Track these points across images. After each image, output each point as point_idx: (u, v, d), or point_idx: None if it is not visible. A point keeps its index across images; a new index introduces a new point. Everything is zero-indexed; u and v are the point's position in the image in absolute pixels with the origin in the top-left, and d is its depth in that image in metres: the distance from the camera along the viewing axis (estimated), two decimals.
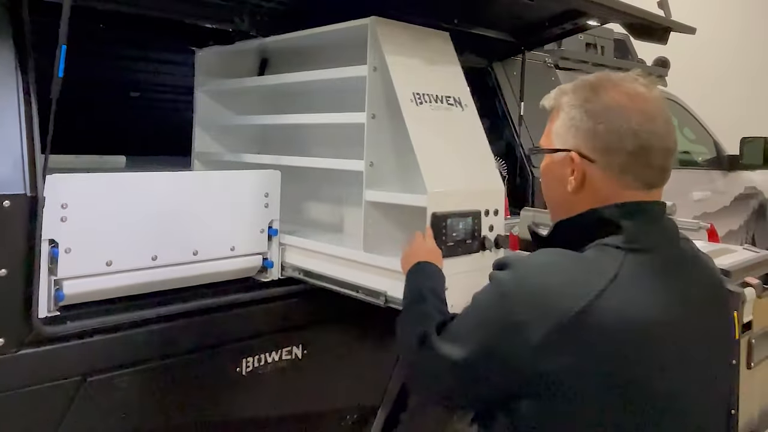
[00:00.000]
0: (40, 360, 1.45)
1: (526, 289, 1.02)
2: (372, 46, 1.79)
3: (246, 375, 1.80)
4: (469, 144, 1.86)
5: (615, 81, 1.10)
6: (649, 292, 1.01)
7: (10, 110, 1.47)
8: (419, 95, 1.77)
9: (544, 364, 0.96)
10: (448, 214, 1.62)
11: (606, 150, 1.07)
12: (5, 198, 1.39)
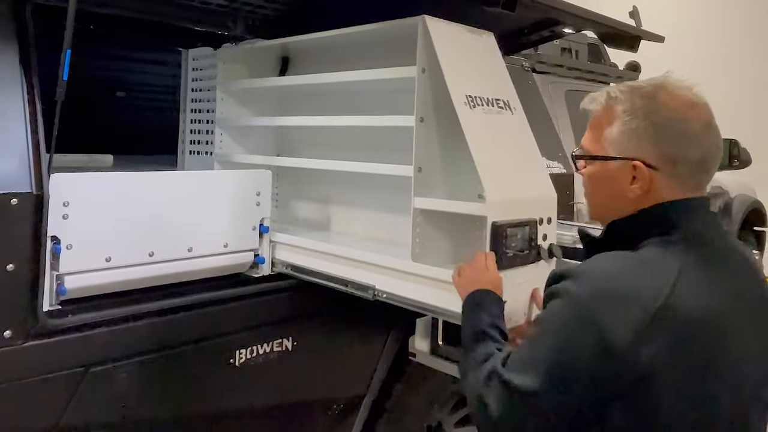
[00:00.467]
0: (44, 351, 1.52)
1: (602, 295, 1.02)
2: (422, 46, 1.72)
3: (239, 366, 1.88)
4: (521, 149, 1.80)
5: (669, 89, 1.13)
6: (714, 282, 1.06)
7: (15, 112, 1.53)
8: (472, 98, 1.69)
9: (634, 365, 0.98)
10: (507, 223, 1.55)
11: (673, 161, 1.10)
12: (13, 196, 1.45)
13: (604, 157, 1.16)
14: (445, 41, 1.71)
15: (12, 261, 1.45)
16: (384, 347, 2.26)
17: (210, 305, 1.84)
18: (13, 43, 1.59)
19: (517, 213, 1.59)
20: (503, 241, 1.52)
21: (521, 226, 1.59)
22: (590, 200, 1.26)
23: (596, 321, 1.00)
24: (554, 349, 1.03)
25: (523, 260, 1.58)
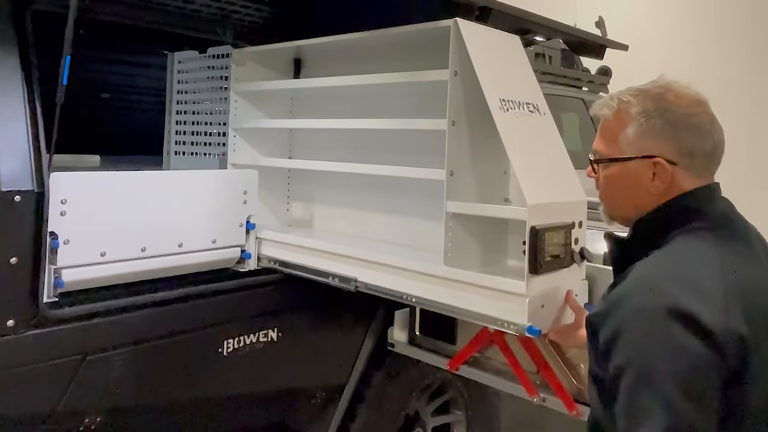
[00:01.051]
0: (45, 340, 1.61)
1: (668, 294, 1.03)
2: (455, 48, 1.70)
3: (227, 355, 1.98)
4: (553, 152, 1.79)
5: (675, 90, 1.19)
6: (747, 256, 1.13)
7: (17, 114, 1.62)
8: (505, 101, 1.67)
9: (736, 342, 1.00)
10: (545, 227, 1.53)
11: (690, 154, 1.16)
12: (16, 193, 1.54)
13: (625, 158, 1.20)
14: (476, 44, 1.70)
15: (15, 255, 1.55)
16: (364, 338, 2.38)
17: (199, 298, 1.94)
18: (13, 48, 1.68)
19: (554, 217, 1.58)
20: (542, 245, 1.51)
21: (558, 229, 1.58)
22: (610, 202, 1.28)
23: (680, 316, 1.00)
24: (665, 379, 0.99)
25: (559, 264, 1.57)
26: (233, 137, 2.45)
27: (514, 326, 1.53)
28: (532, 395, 1.95)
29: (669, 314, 1.01)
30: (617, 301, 1.09)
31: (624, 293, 1.09)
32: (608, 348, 1.08)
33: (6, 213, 1.53)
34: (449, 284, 1.69)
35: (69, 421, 1.69)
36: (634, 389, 1.02)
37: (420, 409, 2.72)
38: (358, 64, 2.22)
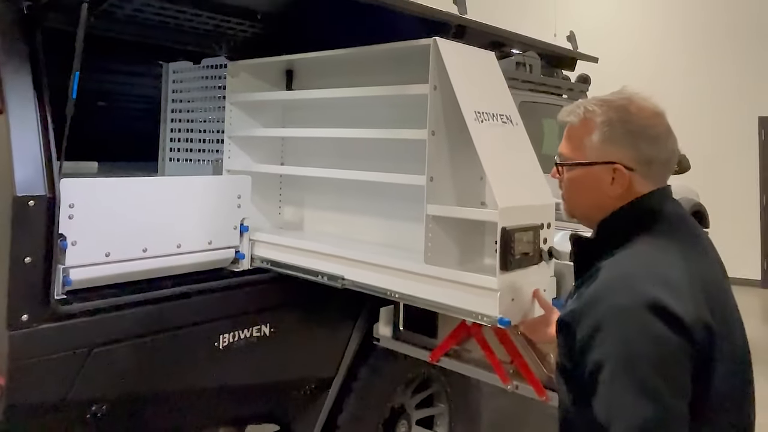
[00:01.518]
0: (55, 333, 1.74)
1: (644, 291, 1.11)
2: (434, 65, 1.85)
3: (223, 348, 2.12)
4: (523, 159, 1.92)
5: (636, 102, 1.28)
6: (702, 252, 1.26)
7: (30, 124, 1.75)
8: (480, 113, 1.81)
9: (703, 329, 1.11)
10: (515, 228, 1.67)
11: (648, 162, 1.25)
12: (30, 198, 1.68)
13: (588, 162, 1.29)
14: (454, 61, 1.85)
15: (29, 254, 1.68)
16: (351, 334, 2.52)
17: (197, 295, 2.08)
18: (26, 64, 1.82)
19: (523, 219, 1.72)
20: (511, 244, 1.65)
21: (527, 230, 1.71)
22: (572, 201, 1.37)
23: (657, 311, 1.08)
24: (647, 369, 1.07)
25: (528, 262, 1.71)
26: (228, 145, 2.59)
27: (487, 318, 1.69)
28: (506, 383, 2.10)
29: (646, 309, 1.09)
30: (594, 300, 1.16)
31: (600, 292, 1.16)
32: (586, 344, 1.14)
33: (21, 216, 1.67)
34: (429, 281, 1.84)
35: (78, 408, 1.82)
36: (617, 380, 1.08)
37: (405, 402, 2.85)
38: (346, 76, 2.38)
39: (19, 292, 1.68)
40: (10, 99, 1.75)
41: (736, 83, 8.39)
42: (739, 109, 8.34)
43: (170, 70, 3.34)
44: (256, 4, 1.81)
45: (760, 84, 8.23)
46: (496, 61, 2.07)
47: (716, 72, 8.51)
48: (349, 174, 2.25)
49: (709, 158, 8.30)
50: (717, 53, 8.53)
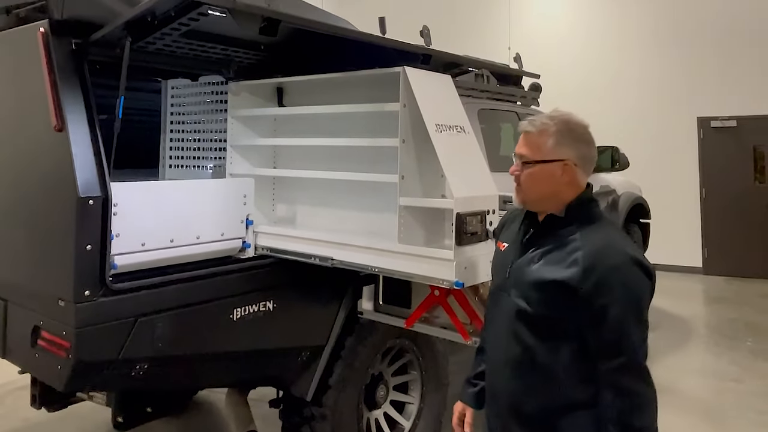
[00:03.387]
0: (109, 306, 2.18)
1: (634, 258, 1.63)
2: (403, 88, 2.32)
3: (236, 321, 2.57)
4: (473, 161, 2.42)
5: (572, 117, 1.74)
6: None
7: (85, 139, 2.19)
8: (439, 125, 2.29)
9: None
10: (467, 213, 2.17)
11: (584, 159, 1.71)
12: (90, 198, 2.13)
13: (546, 160, 1.70)
14: (419, 84, 2.33)
15: (90, 243, 2.13)
16: (339, 308, 3.00)
17: (215, 276, 2.53)
18: (78, 90, 2.25)
19: (473, 206, 2.21)
20: (464, 225, 2.16)
21: (476, 215, 2.21)
22: (530, 191, 1.74)
23: (638, 264, 1.62)
24: (642, 307, 1.63)
25: (477, 239, 2.23)
26: (231, 152, 3.05)
27: (446, 282, 2.19)
28: (467, 339, 2.62)
29: (633, 264, 1.60)
30: (593, 264, 1.60)
31: (596, 257, 1.61)
32: (593, 295, 1.58)
33: (84, 212, 2.11)
34: (402, 257, 2.34)
35: (125, 367, 2.26)
36: (627, 315, 1.57)
37: (383, 370, 3.33)
38: (330, 94, 2.87)
39: (83, 273, 2.12)
40: (68, 119, 2.19)
41: (677, 87, 9.12)
42: (679, 111, 9.08)
43: (169, 87, 3.77)
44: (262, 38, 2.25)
45: (699, 87, 8.98)
46: (452, 83, 2.59)
47: (659, 77, 9.25)
48: (333, 175, 2.75)
49: (655, 156, 9.04)
50: (661, 60, 9.25)
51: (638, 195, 6.38)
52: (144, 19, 2.13)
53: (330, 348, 2.99)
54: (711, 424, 4.17)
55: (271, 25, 2.06)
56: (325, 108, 2.73)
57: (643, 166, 8.38)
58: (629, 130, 9.13)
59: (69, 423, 4.03)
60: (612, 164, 5.47)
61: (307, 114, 2.88)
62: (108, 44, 2.30)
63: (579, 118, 1.75)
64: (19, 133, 2.43)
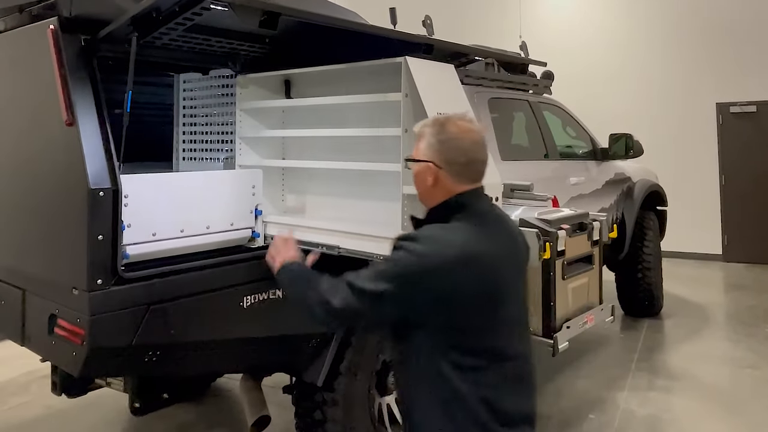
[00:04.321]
0: (122, 294, 2.26)
1: (432, 243, 1.62)
2: (405, 78, 2.35)
3: (246, 308, 2.63)
4: None
5: (454, 120, 1.74)
6: (492, 237, 1.71)
7: (95, 133, 2.26)
8: (441, 114, 2.17)
9: (446, 285, 1.58)
10: None
11: (451, 164, 1.71)
12: (101, 190, 2.19)
13: (418, 160, 1.77)
14: (420, 74, 2.35)
15: (101, 233, 2.20)
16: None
17: (225, 265, 2.60)
18: (87, 86, 2.32)
19: None
20: None
21: None
22: (416, 189, 1.83)
23: (425, 257, 1.60)
24: (400, 272, 1.60)
25: None
26: (240, 144, 3.10)
27: None
28: None
29: (419, 256, 1.60)
30: (409, 235, 1.68)
31: (413, 235, 1.68)
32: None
33: (95, 203, 2.18)
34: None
35: (138, 353, 2.34)
36: (379, 268, 1.65)
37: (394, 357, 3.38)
38: (334, 85, 2.91)
39: (95, 263, 2.19)
40: (78, 114, 2.26)
41: (696, 73, 9.01)
42: (699, 97, 8.96)
43: (181, 81, 3.84)
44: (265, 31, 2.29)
45: (718, 73, 8.85)
46: (455, 72, 2.60)
47: (678, 63, 9.13)
48: (338, 165, 2.79)
49: (673, 143, 8.95)
50: (679, 46, 9.14)
51: (654, 182, 6.31)
52: (149, 14, 2.18)
53: (339, 335, 3.03)
54: (728, 410, 4.16)
55: (270, 19, 2.09)
56: (330, 99, 2.76)
57: (661, 153, 8.31)
58: (647, 116, 9.05)
59: (90, 409, 4.15)
60: (626, 152, 5.43)
61: (313, 105, 2.91)
62: (116, 40, 2.36)
63: (461, 124, 1.75)
64: (32, 128, 2.51)
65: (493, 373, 1.64)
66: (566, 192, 4.84)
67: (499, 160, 4.13)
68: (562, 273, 2.51)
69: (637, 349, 5.39)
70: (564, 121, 5.49)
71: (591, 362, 5.09)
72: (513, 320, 1.74)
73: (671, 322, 6.15)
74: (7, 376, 4.88)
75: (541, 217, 2.56)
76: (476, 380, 1.62)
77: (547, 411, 4.16)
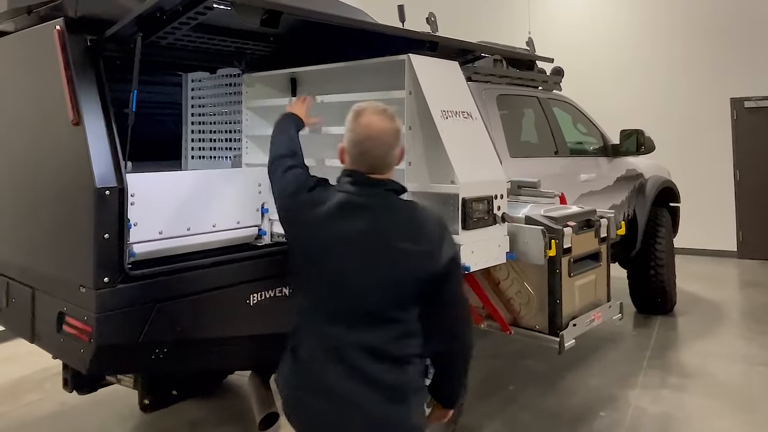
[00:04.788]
0: (128, 292, 2.27)
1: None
2: (408, 75, 2.37)
3: (253, 305, 2.64)
4: (480, 146, 2.44)
5: (368, 113, 1.86)
6: (336, 211, 1.84)
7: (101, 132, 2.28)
8: (445, 111, 2.32)
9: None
10: (473, 198, 2.22)
11: (347, 149, 1.88)
12: (107, 189, 2.21)
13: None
14: (424, 71, 2.39)
15: (108, 232, 2.21)
16: None
17: (232, 263, 2.61)
18: (93, 85, 2.34)
19: (479, 191, 2.26)
20: (470, 211, 2.21)
21: (482, 200, 2.27)
22: None
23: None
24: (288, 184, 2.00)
25: (484, 223, 2.28)
26: (246, 143, 3.12)
27: None
28: (479, 323, 2.65)
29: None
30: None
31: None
32: None
33: (100, 203, 2.20)
34: None
35: (146, 351, 2.35)
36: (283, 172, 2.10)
37: None
38: (339, 83, 2.91)
39: (102, 261, 2.21)
40: (84, 113, 2.28)
41: (709, 68, 8.90)
42: (712, 92, 8.86)
43: (189, 80, 3.87)
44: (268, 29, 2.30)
45: (732, 68, 8.74)
46: (459, 69, 2.58)
47: (691, 58, 9.03)
48: None
49: (687, 138, 8.86)
50: (692, 40, 9.04)
51: (666, 178, 6.25)
52: (154, 14, 2.20)
53: None
54: (741, 408, 4.12)
55: (272, 17, 2.10)
56: (335, 97, 2.77)
57: (674, 148, 8.23)
58: (660, 112, 8.96)
59: (102, 406, 4.20)
60: (637, 148, 5.38)
61: (319, 103, 2.91)
62: (121, 40, 2.38)
63: (366, 120, 1.86)
64: (40, 128, 2.54)
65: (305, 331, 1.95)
66: (576, 189, 4.81)
67: (507, 157, 4.11)
68: (569, 270, 2.50)
69: (649, 346, 5.35)
70: (574, 118, 5.45)
71: (602, 360, 5.06)
72: (337, 301, 1.83)
73: (684, 319, 6.10)
74: (21, 374, 4.94)
75: (547, 214, 2.54)
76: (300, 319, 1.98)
77: (558, 408, 4.14)
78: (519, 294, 2.52)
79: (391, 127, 1.85)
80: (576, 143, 5.40)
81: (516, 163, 4.16)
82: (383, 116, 1.86)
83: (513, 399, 4.33)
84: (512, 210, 2.52)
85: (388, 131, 1.85)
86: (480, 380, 4.60)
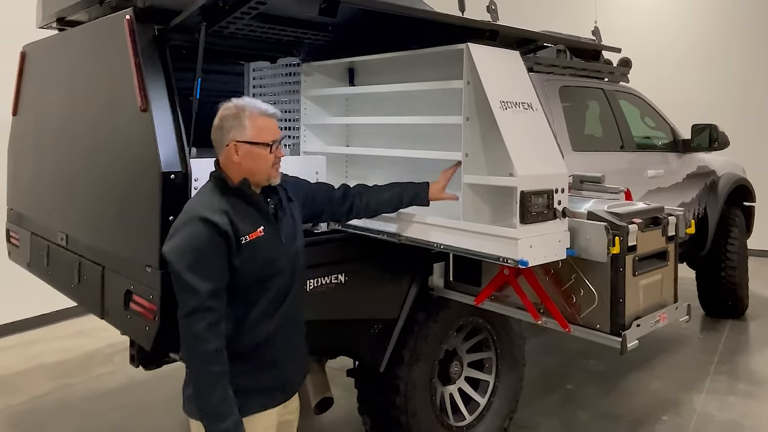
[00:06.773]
0: None
1: None
2: (467, 65, 2.31)
3: (310, 291, 2.67)
4: (541, 138, 2.34)
5: (249, 109, 2.02)
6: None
7: (167, 119, 2.35)
8: (504, 102, 2.24)
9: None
10: (532, 191, 2.12)
11: None
12: (172, 173, 2.28)
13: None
14: (482, 61, 2.30)
15: (173, 214, 2.26)
16: (411, 284, 3.03)
17: None
18: (160, 73, 2.42)
19: (538, 185, 2.16)
20: (528, 204, 2.11)
21: (542, 194, 2.16)
22: None
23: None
24: None
25: (543, 218, 2.17)
26: (304, 131, 3.16)
27: (511, 260, 2.17)
28: (537, 319, 2.59)
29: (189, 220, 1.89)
30: None
31: None
32: None
33: (166, 186, 2.27)
34: (467, 234, 2.34)
35: None
36: (176, 266, 1.85)
37: (457, 346, 3.36)
38: (397, 73, 2.91)
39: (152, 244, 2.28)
40: (151, 100, 2.35)
41: None
42: None
43: (251, 69, 3.94)
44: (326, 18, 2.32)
45: None
46: (520, 59, 2.53)
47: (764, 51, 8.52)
48: (401, 152, 2.79)
49: (762, 134, 8.38)
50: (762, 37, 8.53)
51: (741, 176, 5.95)
52: (216, 4, 2.24)
53: (402, 322, 3.04)
54: None
55: (330, 6, 2.11)
56: (393, 86, 2.76)
57: (750, 144, 7.82)
58: (734, 106, 8.51)
59: (170, 381, 4.37)
60: (710, 143, 5.13)
61: (376, 93, 2.91)
62: (186, 29, 2.44)
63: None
64: (109, 114, 2.64)
65: None
66: (643, 185, 4.65)
67: (570, 150, 4.00)
68: (633, 269, 2.40)
69: (717, 351, 5.12)
70: (642, 111, 5.26)
71: (667, 362, 4.88)
72: None
73: (756, 324, 5.80)
74: (92, 347, 5.21)
75: (611, 210, 2.45)
76: None
77: (618, 410, 4.03)
78: (579, 292, 2.45)
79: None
80: (643, 138, 5.22)
81: (579, 157, 4.05)
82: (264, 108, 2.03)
83: (571, 397, 4.24)
84: (574, 205, 2.45)
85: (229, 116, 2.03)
86: (538, 377, 4.52)
